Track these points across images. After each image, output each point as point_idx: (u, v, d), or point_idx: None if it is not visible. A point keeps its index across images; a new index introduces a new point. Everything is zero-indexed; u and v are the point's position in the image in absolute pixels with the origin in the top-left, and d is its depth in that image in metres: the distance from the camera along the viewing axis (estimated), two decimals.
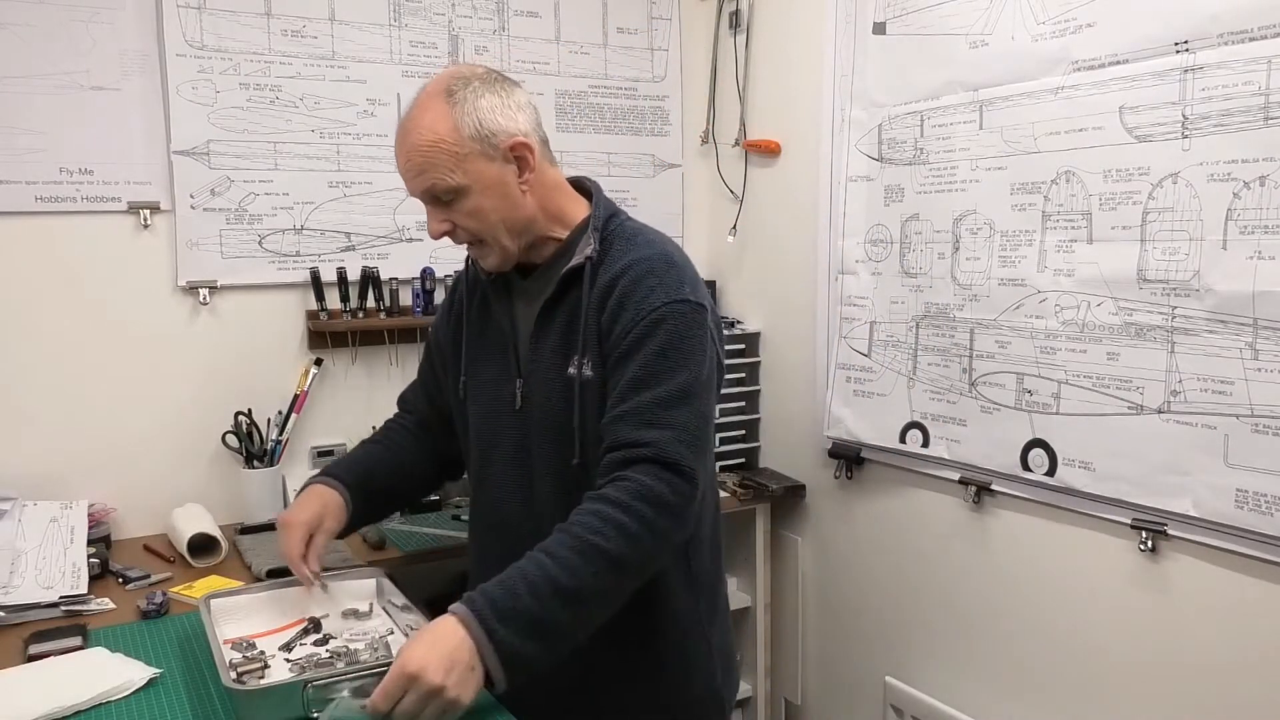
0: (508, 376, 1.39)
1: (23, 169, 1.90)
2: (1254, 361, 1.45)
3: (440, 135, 1.27)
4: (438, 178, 1.28)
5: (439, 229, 1.32)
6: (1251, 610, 1.49)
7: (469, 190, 1.29)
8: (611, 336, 1.28)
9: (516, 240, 1.34)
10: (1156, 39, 1.54)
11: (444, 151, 1.27)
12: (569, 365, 1.32)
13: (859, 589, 2.24)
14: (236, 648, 1.35)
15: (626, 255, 1.32)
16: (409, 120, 1.31)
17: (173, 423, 2.06)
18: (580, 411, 1.30)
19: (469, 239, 1.34)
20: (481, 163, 1.28)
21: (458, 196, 1.29)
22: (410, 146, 1.29)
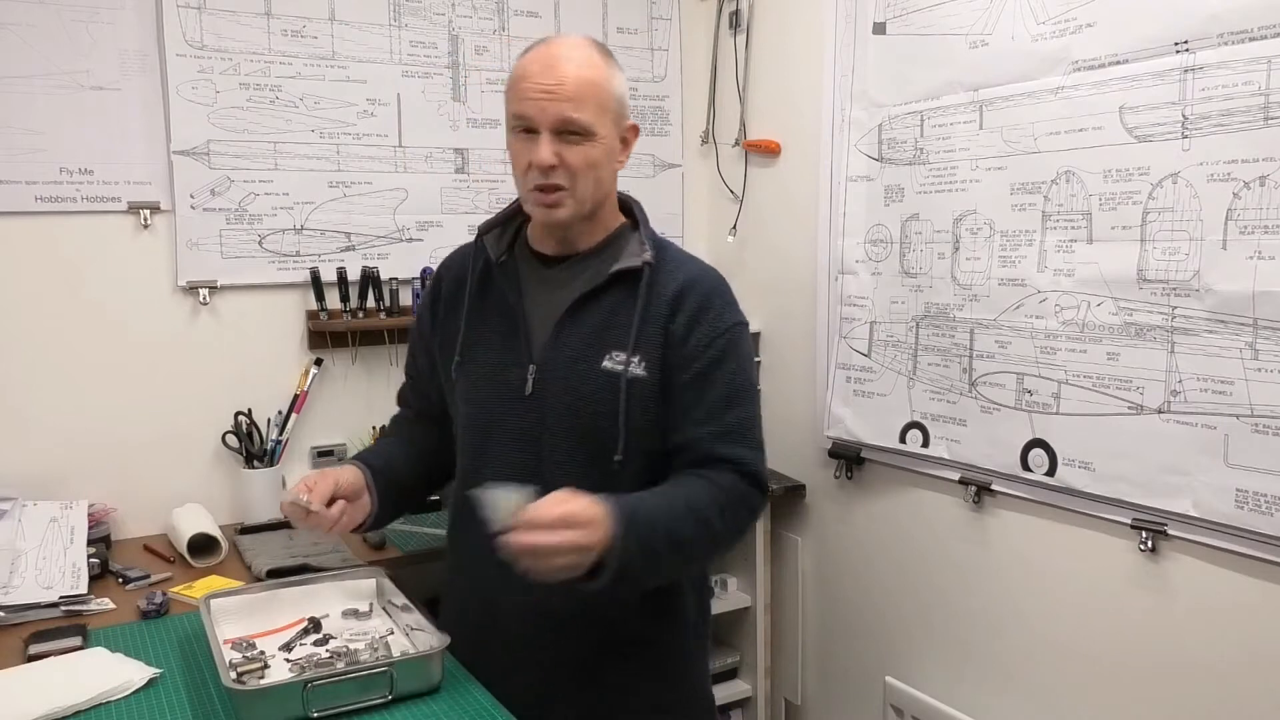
0: (515, 361, 1.39)
1: (23, 169, 1.90)
2: (1254, 361, 1.45)
3: (598, 79, 1.33)
4: (583, 112, 1.30)
5: (549, 158, 1.30)
6: (1251, 610, 1.49)
7: (596, 139, 1.33)
8: (686, 347, 1.35)
9: (590, 205, 1.37)
10: (1156, 39, 1.54)
11: (597, 92, 1.32)
12: (604, 359, 1.34)
13: (859, 589, 2.24)
14: (236, 648, 1.35)
15: (686, 269, 1.40)
16: (565, 48, 1.33)
17: (173, 423, 2.06)
18: (626, 408, 1.34)
19: (564, 181, 1.32)
20: (611, 123, 1.35)
21: (583, 138, 1.32)
22: (566, 73, 1.30)
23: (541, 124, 1.30)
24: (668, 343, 1.35)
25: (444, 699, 1.26)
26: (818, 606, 2.38)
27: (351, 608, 1.49)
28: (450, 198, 2.31)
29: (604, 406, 1.34)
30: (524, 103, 1.31)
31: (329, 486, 1.36)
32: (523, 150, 1.33)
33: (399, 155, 2.25)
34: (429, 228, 2.29)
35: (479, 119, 2.33)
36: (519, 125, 1.33)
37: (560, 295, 1.38)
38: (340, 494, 1.38)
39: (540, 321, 1.39)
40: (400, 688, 1.24)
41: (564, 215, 1.35)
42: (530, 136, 1.32)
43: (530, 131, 1.32)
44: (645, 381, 1.34)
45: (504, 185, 2.36)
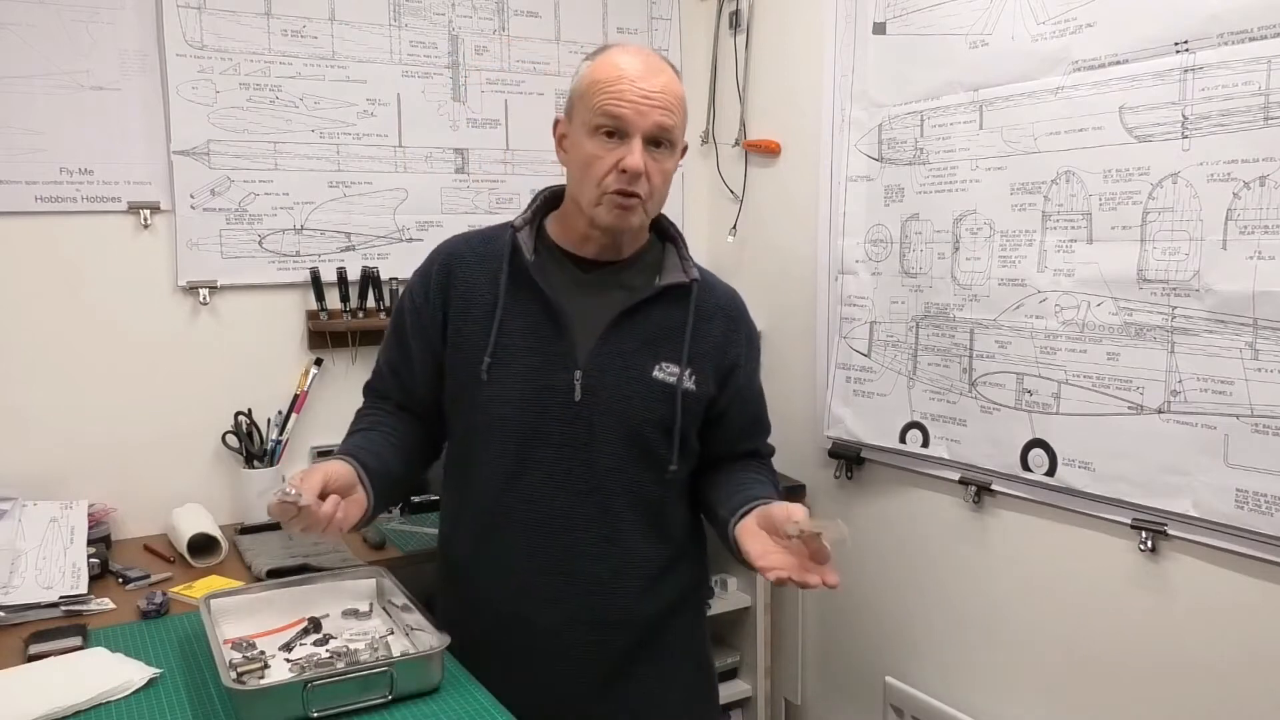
0: (561, 366, 1.36)
1: (23, 169, 1.90)
2: (1254, 361, 1.45)
3: (683, 95, 1.36)
4: (676, 123, 1.34)
5: (640, 166, 1.30)
6: (1251, 610, 1.49)
7: (675, 151, 1.37)
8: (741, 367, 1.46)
9: (653, 215, 1.41)
10: (1156, 39, 1.54)
11: (682, 108, 1.36)
12: (655, 369, 1.38)
13: (859, 589, 2.24)
14: (236, 648, 1.35)
15: (721, 287, 1.50)
16: (655, 59, 1.35)
17: (173, 423, 2.06)
18: (683, 419, 1.39)
19: (643, 192, 1.33)
20: (680, 138, 1.38)
21: (669, 150, 1.35)
22: (665, 83, 1.32)
23: (637, 128, 1.30)
24: (718, 362, 1.43)
25: (444, 699, 1.26)
26: (818, 606, 2.37)
27: (351, 608, 1.49)
28: (450, 198, 2.31)
29: (654, 415, 1.38)
30: (620, 104, 1.29)
31: (319, 481, 1.25)
32: (605, 152, 1.31)
33: (399, 155, 2.25)
34: (429, 228, 2.29)
35: (479, 119, 2.33)
36: (605, 127, 1.30)
37: (602, 301, 1.38)
38: (331, 488, 1.27)
39: (583, 326, 1.37)
40: (400, 688, 1.24)
41: (635, 222, 1.36)
42: (615, 140, 1.31)
43: (615, 135, 1.30)
44: (696, 395, 1.41)
45: (504, 185, 2.37)
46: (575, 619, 1.40)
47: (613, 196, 1.31)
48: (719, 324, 1.44)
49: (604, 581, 1.41)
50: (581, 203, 1.36)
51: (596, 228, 1.36)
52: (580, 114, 1.34)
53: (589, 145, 1.32)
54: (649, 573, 1.44)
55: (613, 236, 1.38)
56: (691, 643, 1.55)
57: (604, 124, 1.30)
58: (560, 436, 1.37)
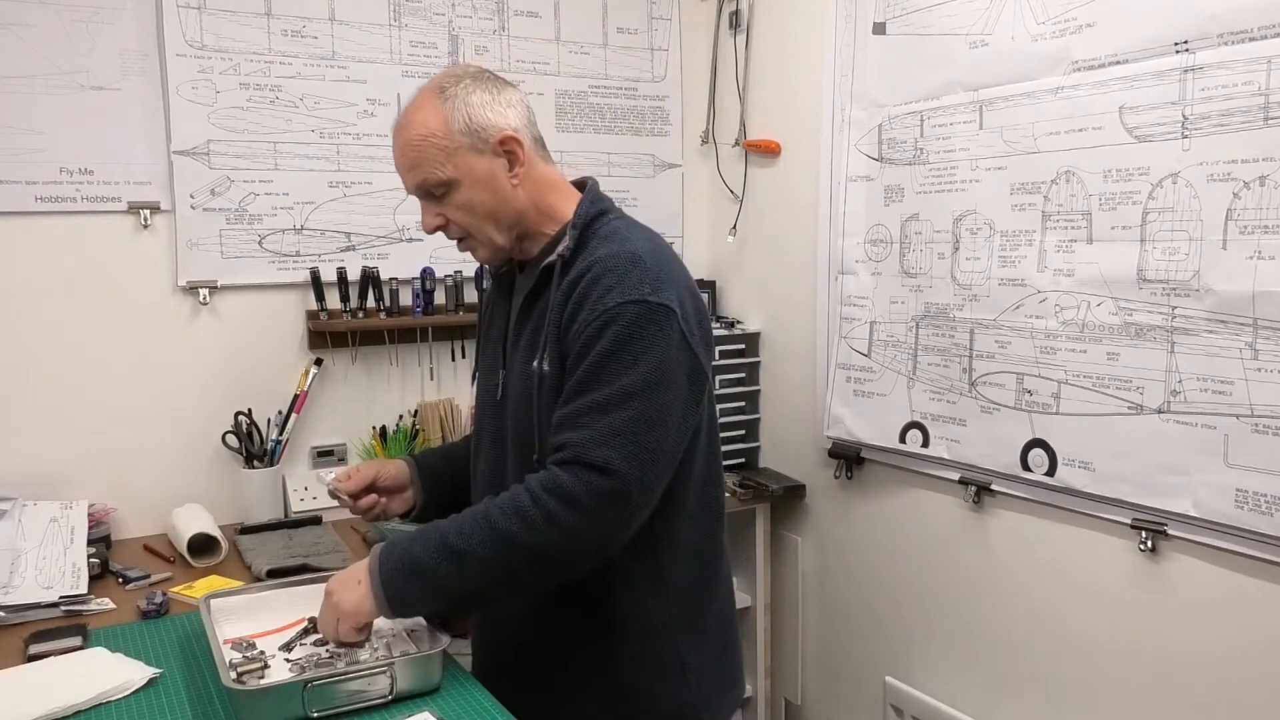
0: (494, 368, 1.44)
1: (23, 169, 1.90)
2: (1254, 361, 1.45)
3: (431, 130, 1.31)
4: (429, 172, 1.32)
5: (432, 223, 1.36)
6: (1251, 610, 1.49)
7: (459, 184, 1.32)
8: (569, 336, 1.27)
9: (506, 235, 1.36)
10: (1156, 39, 1.54)
11: (434, 146, 1.31)
12: (534, 359, 1.33)
13: (859, 589, 2.24)
14: (236, 648, 1.35)
15: (594, 254, 1.30)
16: (403, 118, 1.36)
17: (173, 423, 2.06)
18: (538, 407, 1.31)
19: (459, 234, 1.37)
20: (471, 157, 1.31)
21: (449, 190, 1.33)
22: (404, 142, 1.33)
23: (412, 193, 1.38)
24: (560, 334, 1.29)
25: (444, 699, 1.26)
26: (818, 606, 2.38)
27: None
28: None
29: (526, 407, 1.34)
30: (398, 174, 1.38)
31: (368, 476, 1.50)
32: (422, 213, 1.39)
33: None
34: None
35: None
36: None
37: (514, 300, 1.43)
38: (379, 485, 1.51)
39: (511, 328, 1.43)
40: (400, 688, 1.24)
41: (486, 255, 1.39)
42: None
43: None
44: (550, 377, 1.30)
45: None
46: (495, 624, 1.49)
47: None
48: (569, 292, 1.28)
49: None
50: None
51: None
52: None
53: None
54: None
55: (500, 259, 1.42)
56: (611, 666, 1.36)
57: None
58: (492, 434, 1.42)
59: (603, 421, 1.20)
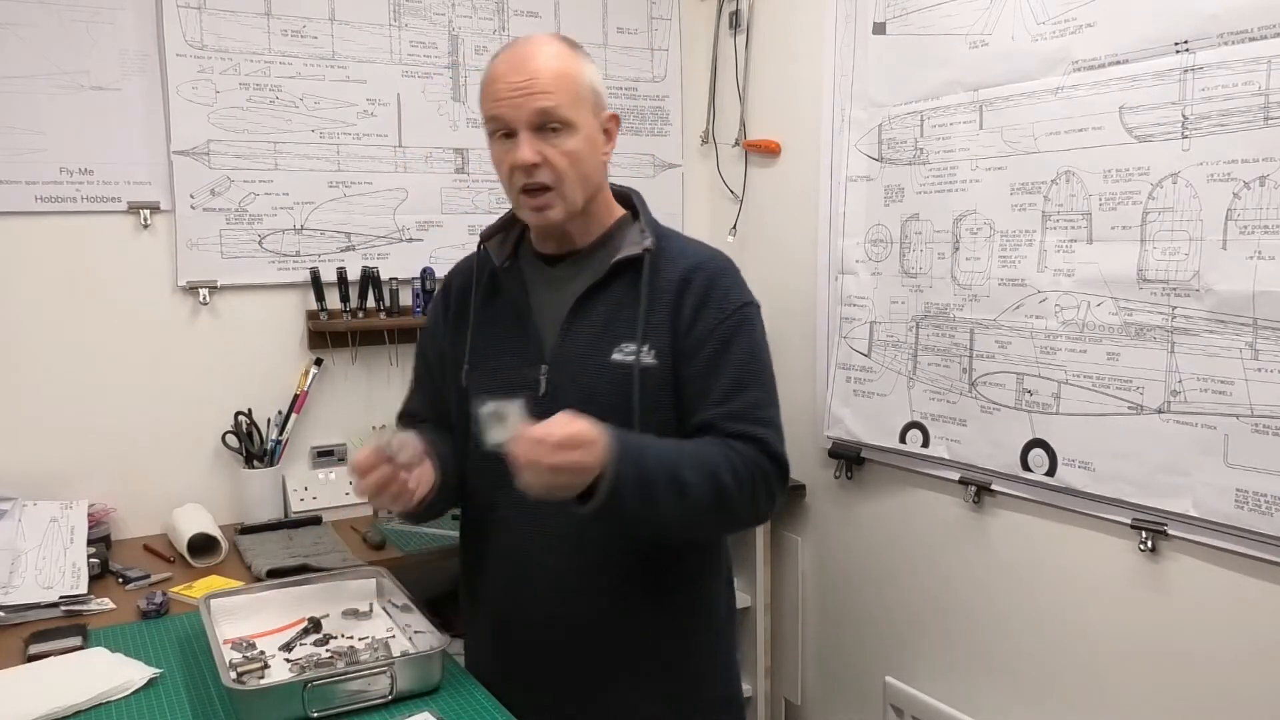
0: (528, 362, 1.36)
1: (23, 169, 1.90)
2: (1254, 361, 1.45)
3: (568, 69, 1.30)
4: (558, 102, 1.28)
5: (533, 155, 1.28)
6: (1251, 610, 1.49)
7: (575, 130, 1.30)
8: (693, 332, 1.32)
9: (582, 201, 1.34)
10: (1156, 39, 1.54)
11: (570, 83, 1.30)
12: (614, 352, 1.33)
13: (859, 589, 2.24)
14: (236, 648, 1.35)
15: (691, 254, 1.38)
16: (529, 47, 1.31)
17: (173, 423, 2.06)
18: (639, 400, 1.31)
19: (550, 180, 1.29)
20: (589, 114, 1.32)
21: (564, 131, 1.29)
22: (536, 68, 1.28)
23: (518, 122, 1.28)
24: (675, 329, 1.33)
25: (444, 699, 1.26)
26: (818, 606, 2.38)
27: (351, 608, 1.49)
28: (450, 198, 2.31)
29: (616, 400, 1.31)
30: (497, 104, 1.29)
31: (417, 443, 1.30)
32: (504, 154, 1.31)
33: (399, 155, 2.25)
34: (429, 228, 2.29)
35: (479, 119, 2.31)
36: (496, 130, 1.31)
37: (565, 293, 1.37)
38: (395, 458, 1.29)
39: (549, 321, 1.37)
40: (400, 688, 1.24)
41: (556, 216, 1.32)
42: (509, 139, 1.30)
43: (508, 135, 1.30)
44: (656, 370, 1.33)
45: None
46: (552, 620, 1.37)
47: (523, 196, 1.31)
48: (675, 288, 1.34)
49: (576, 582, 1.36)
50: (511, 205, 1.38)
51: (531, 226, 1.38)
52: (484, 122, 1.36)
53: (494, 150, 1.34)
54: (626, 573, 1.37)
55: (552, 231, 1.37)
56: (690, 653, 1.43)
57: (494, 128, 1.31)
58: None
59: (773, 419, 1.35)
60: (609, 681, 1.38)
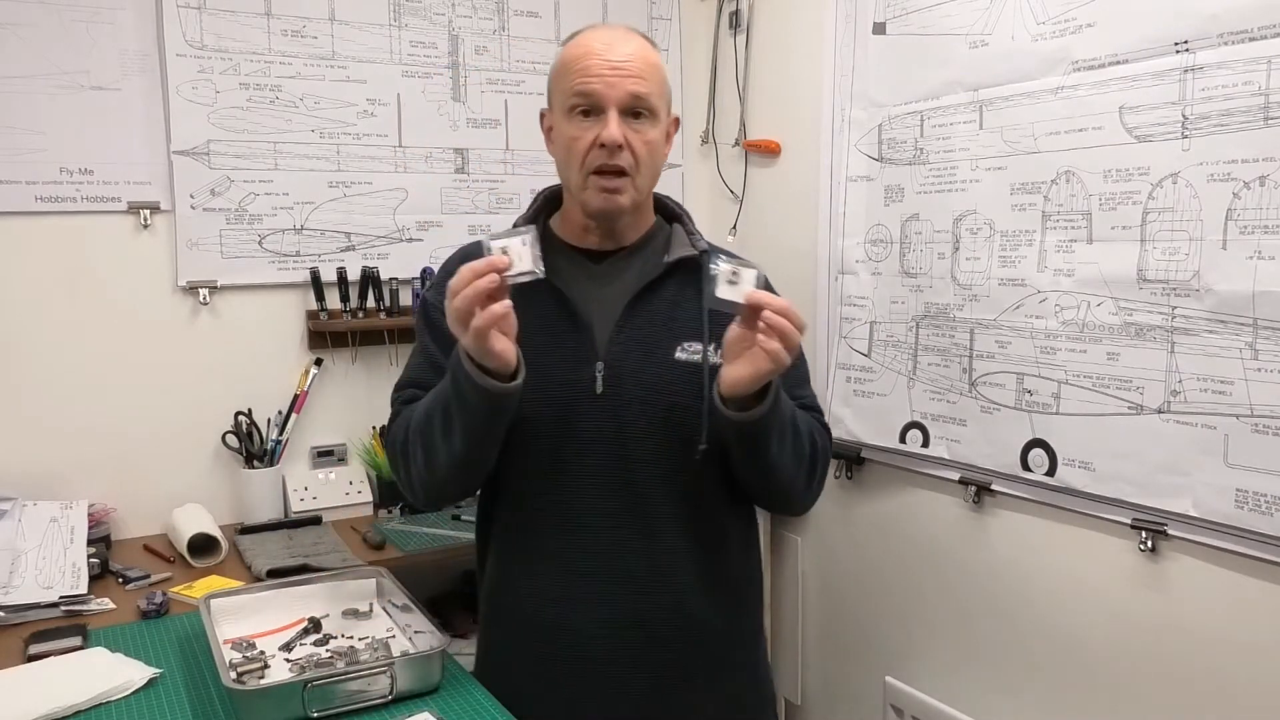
0: (583, 359, 1.31)
1: (23, 169, 1.90)
2: (1254, 361, 1.45)
3: (657, 61, 1.33)
4: (650, 90, 1.29)
5: (621, 136, 1.26)
6: (1251, 610, 1.49)
7: (658, 123, 1.31)
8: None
9: (647, 192, 1.35)
10: (1156, 39, 1.54)
11: (658, 75, 1.32)
12: (678, 350, 1.32)
13: (859, 589, 2.24)
14: (236, 648, 1.35)
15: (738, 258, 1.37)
16: (620, 31, 1.33)
17: (173, 423, 2.06)
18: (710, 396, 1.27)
19: (629, 165, 1.28)
20: (665, 111, 1.34)
21: (648, 120, 1.29)
22: (632, 52, 1.29)
23: (609, 101, 1.26)
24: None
25: (444, 699, 1.26)
26: (818, 607, 2.37)
27: (351, 608, 1.49)
28: (450, 198, 2.31)
29: (682, 398, 1.30)
30: (589, 79, 1.26)
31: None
32: (583, 132, 1.27)
33: (399, 155, 2.25)
34: (429, 228, 2.29)
35: (479, 119, 2.33)
36: (580, 105, 1.27)
37: (614, 290, 1.33)
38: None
39: (599, 318, 1.33)
40: (400, 688, 1.24)
41: (625, 202, 1.29)
42: (590, 119, 1.27)
43: (590, 114, 1.27)
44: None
45: (504, 185, 2.37)
46: (616, 623, 1.33)
47: (596, 177, 1.28)
48: None
49: (646, 580, 1.32)
50: (571, 189, 1.33)
51: (590, 214, 1.32)
52: (557, 99, 1.32)
53: (567, 128, 1.29)
54: (695, 569, 1.35)
55: (609, 222, 1.33)
56: (751, 651, 1.47)
57: (578, 103, 1.27)
58: (591, 433, 1.31)
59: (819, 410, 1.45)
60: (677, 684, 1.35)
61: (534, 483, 1.34)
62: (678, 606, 1.34)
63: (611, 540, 1.32)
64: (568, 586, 1.33)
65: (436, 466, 1.28)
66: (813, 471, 1.37)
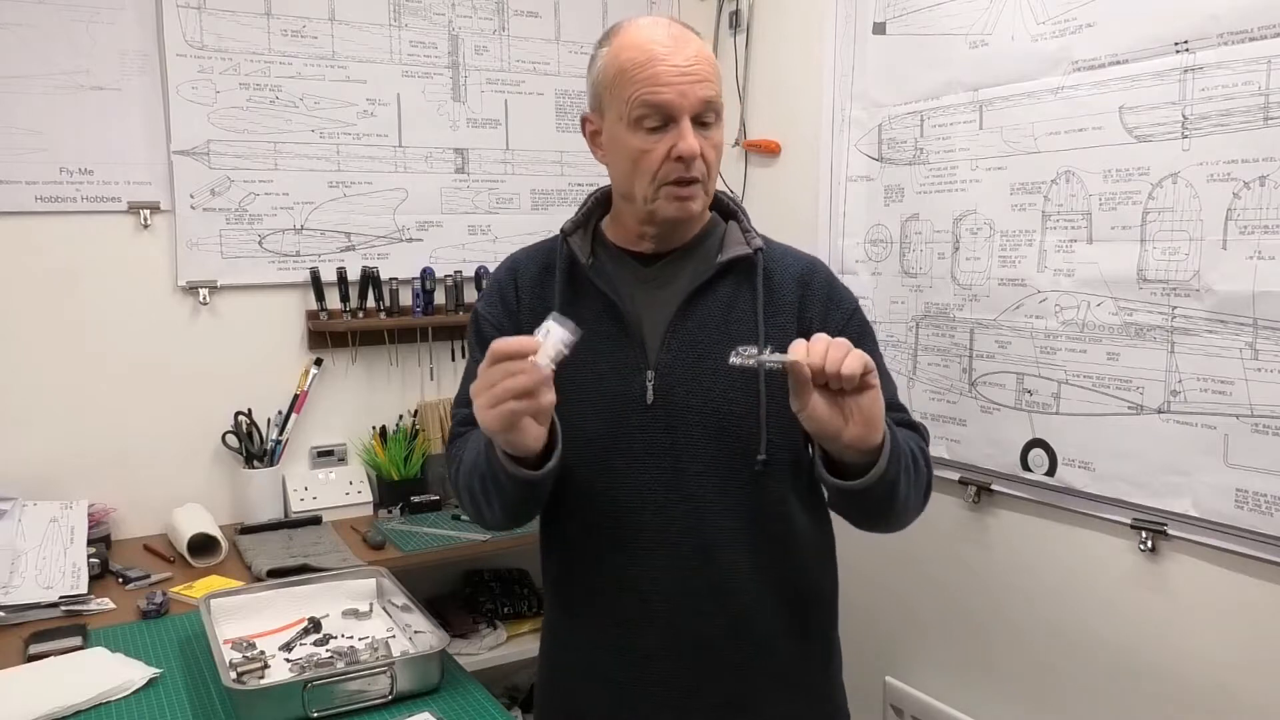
0: (633, 368, 1.24)
1: (23, 169, 1.90)
2: (1254, 361, 1.45)
3: (714, 58, 1.23)
4: (718, 92, 1.21)
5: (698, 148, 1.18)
6: (1251, 610, 1.49)
7: (722, 122, 1.24)
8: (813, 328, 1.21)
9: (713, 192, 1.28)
10: (1156, 39, 1.54)
11: (718, 72, 1.23)
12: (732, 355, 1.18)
13: (859, 589, 2.23)
14: (236, 648, 1.35)
15: (796, 255, 1.32)
16: (677, 28, 1.23)
17: (173, 422, 2.06)
18: (770, 404, 1.23)
19: (703, 172, 1.21)
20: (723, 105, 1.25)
21: (716, 122, 1.22)
22: (696, 52, 1.19)
23: (683, 110, 1.17)
24: (802, 331, 1.22)
25: (444, 699, 1.26)
26: None
27: (351, 608, 1.50)
28: (450, 198, 2.31)
29: (738, 406, 1.23)
30: (659, 89, 1.16)
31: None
32: (653, 145, 1.18)
33: (399, 155, 2.25)
34: (429, 228, 2.29)
35: (479, 119, 2.33)
36: (649, 115, 1.17)
37: (666, 293, 1.26)
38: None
39: (649, 324, 1.26)
40: (400, 688, 1.24)
41: (698, 209, 1.23)
42: (659, 129, 1.18)
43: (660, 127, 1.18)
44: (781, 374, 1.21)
45: (504, 185, 2.37)
46: (678, 643, 1.25)
47: (671, 188, 1.20)
48: (791, 291, 1.27)
49: (704, 599, 1.25)
50: (636, 199, 1.23)
51: (655, 223, 1.24)
52: (614, 107, 1.21)
53: (633, 140, 1.19)
54: (759, 587, 1.27)
55: (674, 228, 1.26)
56: (822, 673, 1.36)
57: (647, 113, 1.17)
58: (641, 444, 1.24)
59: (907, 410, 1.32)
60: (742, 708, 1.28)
61: (586, 499, 1.27)
62: (741, 625, 1.26)
63: (668, 556, 1.24)
64: (626, 605, 1.26)
65: (486, 519, 1.26)
66: (928, 491, 1.27)
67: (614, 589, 1.27)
